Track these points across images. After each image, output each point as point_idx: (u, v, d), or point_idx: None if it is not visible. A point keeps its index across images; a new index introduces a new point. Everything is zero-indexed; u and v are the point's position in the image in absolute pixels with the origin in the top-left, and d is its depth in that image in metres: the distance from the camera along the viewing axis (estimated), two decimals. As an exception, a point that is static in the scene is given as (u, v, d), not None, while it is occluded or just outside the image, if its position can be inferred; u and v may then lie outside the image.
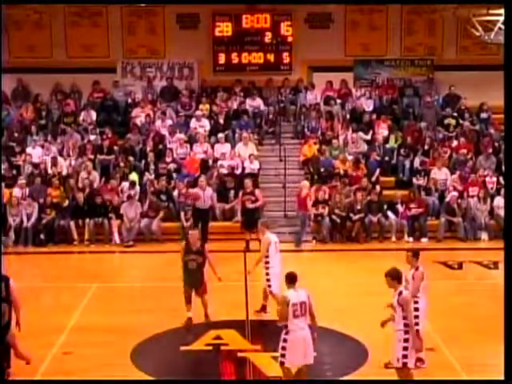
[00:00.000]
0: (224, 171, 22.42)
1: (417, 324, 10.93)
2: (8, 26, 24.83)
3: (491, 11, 21.01)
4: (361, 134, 23.80)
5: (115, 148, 23.03)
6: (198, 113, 24.25)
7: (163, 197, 21.35)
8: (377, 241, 20.73)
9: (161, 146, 23.17)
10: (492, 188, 21.79)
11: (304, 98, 25.19)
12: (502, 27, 20.85)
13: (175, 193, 21.45)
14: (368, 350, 12.46)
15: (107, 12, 25.13)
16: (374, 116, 24.47)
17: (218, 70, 25.55)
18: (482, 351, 12.46)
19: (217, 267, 13.85)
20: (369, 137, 23.88)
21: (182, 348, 12.69)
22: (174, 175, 22.18)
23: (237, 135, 23.73)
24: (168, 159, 22.57)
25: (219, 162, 22.65)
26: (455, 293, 15.80)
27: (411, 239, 20.63)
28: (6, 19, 24.39)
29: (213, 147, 23.23)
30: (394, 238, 20.82)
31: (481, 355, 12.33)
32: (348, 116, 24.65)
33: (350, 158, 22.77)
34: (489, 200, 21.30)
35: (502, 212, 21.03)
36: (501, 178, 22.05)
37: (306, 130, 24.07)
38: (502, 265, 18.16)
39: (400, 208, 21.15)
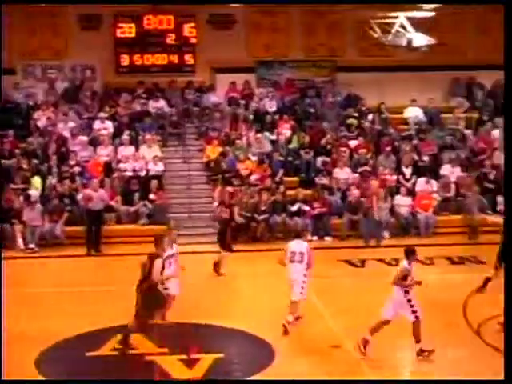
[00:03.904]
0: (128, 173, 22.28)
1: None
2: None
3: (389, 14, 21.55)
4: (266, 133, 24.02)
5: (16, 151, 22.57)
6: (101, 115, 24.02)
7: (66, 200, 21.06)
8: (281, 241, 20.89)
9: (63, 149, 22.84)
10: (392, 187, 22.30)
11: (207, 99, 25.25)
12: (400, 30, 21.42)
13: (79, 196, 21.17)
14: (274, 350, 12.60)
15: (8, 12, 24.55)
16: (277, 116, 24.74)
17: (120, 71, 25.40)
18: (385, 347, 12.75)
19: (124, 270, 13.73)
20: (273, 137, 24.12)
21: (88, 354, 12.56)
22: (78, 178, 21.90)
23: (140, 137, 23.59)
24: (71, 162, 22.27)
25: (123, 165, 22.49)
26: (359, 290, 16.10)
27: (315, 238, 20.92)
28: None
29: (116, 149, 23.05)
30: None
31: (384, 352, 12.61)
32: (251, 117, 24.83)
33: (254, 158, 22.95)
34: (389, 198, 21.80)
35: (402, 210, 21.65)
36: (400, 177, 22.65)
37: (209, 131, 24.13)
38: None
39: (304, 207, 21.42)
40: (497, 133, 24.41)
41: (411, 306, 12.22)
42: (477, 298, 15.36)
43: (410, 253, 12.41)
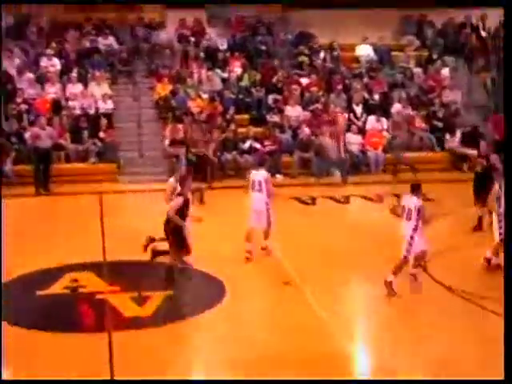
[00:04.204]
0: (77, 111, 21.97)
1: None
2: None
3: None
4: (217, 71, 23.82)
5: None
6: (48, 51, 23.52)
7: (14, 139, 20.71)
8: (232, 178, 20.91)
9: (10, 87, 22.36)
10: (343, 125, 22.36)
11: (157, 36, 24.89)
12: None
13: (26, 134, 20.82)
14: (225, 287, 12.70)
15: None
16: (228, 54, 24.53)
17: (68, 7, 24.77)
18: (335, 283, 12.95)
19: (74, 209, 13.64)
20: (224, 75, 23.93)
21: (39, 293, 12.53)
22: (25, 116, 21.51)
23: (89, 75, 23.20)
24: (18, 100, 21.84)
25: (71, 103, 22.16)
26: (309, 227, 16.23)
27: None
28: None
29: (64, 87, 22.67)
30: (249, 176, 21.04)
31: (334, 287, 12.81)
32: (202, 54, 24.55)
33: (205, 96, 22.79)
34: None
35: (353, 148, 21.75)
36: (351, 115, 22.70)
37: (159, 68, 23.83)
38: (353, 199, 18.98)
39: (255, 145, 21.39)
40: (446, 71, 24.56)
41: (410, 245, 12.37)
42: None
43: (417, 188, 12.56)
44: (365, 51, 25.37)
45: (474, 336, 10.97)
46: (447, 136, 22.50)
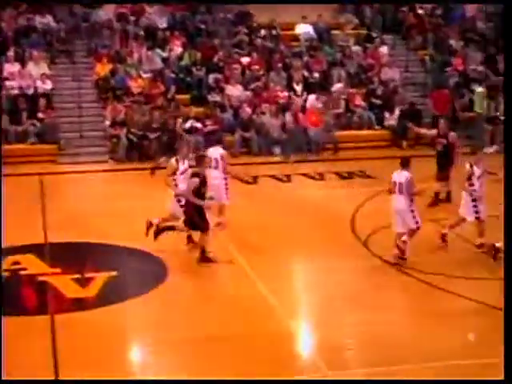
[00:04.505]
0: (15, 92, 21.65)
1: None
2: None
3: None
4: (157, 50, 23.67)
5: None
6: (-16, 30, 23.11)
7: None
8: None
9: None
10: (283, 103, 22.48)
11: (96, 14, 24.61)
12: None
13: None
14: (168, 267, 12.76)
15: None
16: (168, 33, 24.39)
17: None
18: (277, 261, 13.11)
19: (14, 191, 13.48)
20: (165, 54, 23.80)
21: (-21, 275, 12.42)
22: (-39, 97, 21.14)
23: (27, 54, 22.84)
24: (-46, 80, 21.46)
25: (9, 82, 21.82)
26: (252, 206, 16.35)
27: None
28: None
29: (1, 67, 22.30)
30: (190, 155, 21.04)
31: (276, 265, 12.97)
32: (142, 33, 24.36)
33: (146, 75, 22.67)
34: (280, 115, 21.99)
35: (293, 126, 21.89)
36: (291, 93, 22.83)
37: (99, 48, 23.59)
38: (295, 177, 19.14)
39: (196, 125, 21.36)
40: (384, 49, 24.81)
41: (414, 217, 12.88)
42: (365, 210, 15.90)
43: (406, 162, 13.00)
44: (304, 30, 25.47)
45: (415, 311, 11.22)
46: (386, 114, 22.79)
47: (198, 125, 21.32)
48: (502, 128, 21.89)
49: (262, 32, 25.03)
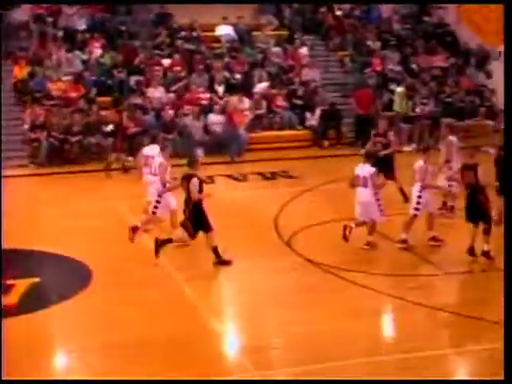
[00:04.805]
0: None
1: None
2: None
3: None
4: (77, 52, 23.38)
5: None
6: None
7: None
8: (96, 162, 20.65)
9: None
10: (205, 105, 22.50)
11: (12, 16, 24.11)
12: None
13: None
14: (91, 270, 12.65)
15: None
16: (88, 35, 24.11)
17: None
18: (200, 259, 13.16)
19: None
20: (85, 56, 23.52)
21: None
22: None
23: None
24: None
25: None
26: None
27: (131, 158, 20.77)
28: None
29: None
30: (112, 158, 20.92)
31: (203, 266, 13.02)
32: (61, 35, 24.01)
33: (66, 78, 22.37)
34: (202, 117, 22.00)
35: (216, 128, 21.94)
36: (213, 95, 22.85)
37: (16, 50, 23.14)
38: (218, 178, 19.17)
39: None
40: (304, 50, 25.04)
41: (380, 209, 13.43)
42: (288, 210, 16.04)
43: (370, 156, 13.83)
44: (225, 31, 25.51)
45: (340, 309, 11.33)
46: (307, 114, 23.03)
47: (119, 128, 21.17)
48: (419, 127, 22.51)
49: (183, 33, 24.98)
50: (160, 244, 12.95)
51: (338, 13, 26.97)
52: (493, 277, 12.44)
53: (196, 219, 12.87)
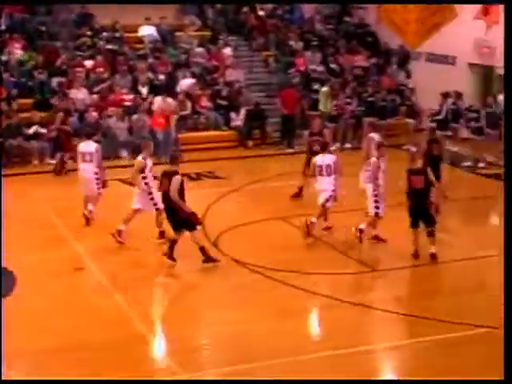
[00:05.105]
0: None
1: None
2: None
3: None
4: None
5: None
6: None
7: None
8: (18, 165, 20.29)
9: None
10: (129, 106, 22.34)
11: None
12: None
13: None
14: (16, 278, 12.44)
15: None
16: (7, 35, 23.65)
17: None
18: (122, 263, 13.08)
19: None
20: (4, 57, 23.07)
21: None
22: None
23: None
24: None
25: None
26: (99, 210, 16.08)
27: (54, 162, 20.47)
28: None
29: None
30: (36, 162, 20.61)
31: (126, 271, 12.93)
32: (-22, 36, 23.49)
33: (-15, 80, 21.94)
34: (126, 118, 21.86)
35: (142, 131, 21.79)
36: (137, 96, 22.69)
37: None
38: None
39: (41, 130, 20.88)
40: (228, 50, 25.08)
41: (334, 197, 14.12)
42: (214, 210, 16.05)
43: (325, 146, 14.54)
44: (148, 32, 25.36)
45: (269, 308, 11.40)
46: (232, 114, 23.10)
47: (43, 130, 20.86)
48: (343, 126, 22.82)
49: (105, 34, 24.73)
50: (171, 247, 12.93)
51: (261, 13, 27.10)
52: (421, 274, 12.73)
53: (175, 217, 12.77)
